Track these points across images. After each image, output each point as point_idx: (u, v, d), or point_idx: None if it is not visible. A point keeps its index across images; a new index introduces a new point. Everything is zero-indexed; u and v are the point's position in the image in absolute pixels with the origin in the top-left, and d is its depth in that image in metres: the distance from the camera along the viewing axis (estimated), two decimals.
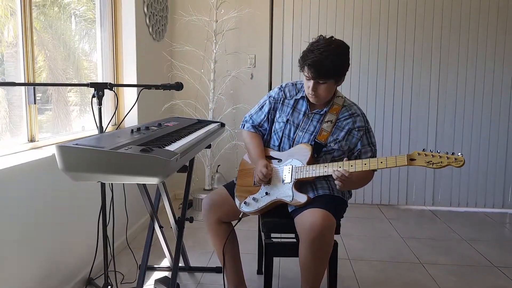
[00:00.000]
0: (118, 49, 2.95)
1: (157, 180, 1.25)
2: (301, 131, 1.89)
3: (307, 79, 1.79)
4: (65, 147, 1.24)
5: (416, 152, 1.57)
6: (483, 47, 3.68)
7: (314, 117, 1.89)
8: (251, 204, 1.87)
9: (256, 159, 1.91)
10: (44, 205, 1.87)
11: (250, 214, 1.91)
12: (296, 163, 1.82)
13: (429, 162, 1.53)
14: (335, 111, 1.87)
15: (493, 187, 3.81)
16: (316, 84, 1.77)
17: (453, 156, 1.52)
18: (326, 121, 1.85)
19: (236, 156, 3.83)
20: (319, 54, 1.72)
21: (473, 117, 3.76)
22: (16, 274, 1.70)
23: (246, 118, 2.08)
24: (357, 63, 3.77)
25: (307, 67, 1.75)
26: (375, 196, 3.92)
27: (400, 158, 1.58)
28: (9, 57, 1.96)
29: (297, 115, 1.92)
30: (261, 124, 2.03)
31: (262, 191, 1.86)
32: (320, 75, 1.74)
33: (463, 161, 1.49)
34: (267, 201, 1.83)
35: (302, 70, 1.81)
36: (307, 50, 1.78)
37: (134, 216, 2.91)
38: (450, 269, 2.55)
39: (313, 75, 1.74)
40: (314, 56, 1.72)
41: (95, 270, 2.23)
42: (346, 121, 1.87)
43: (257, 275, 2.42)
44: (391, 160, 1.60)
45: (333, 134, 1.85)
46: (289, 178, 1.81)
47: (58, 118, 2.41)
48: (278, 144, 1.95)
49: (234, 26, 3.65)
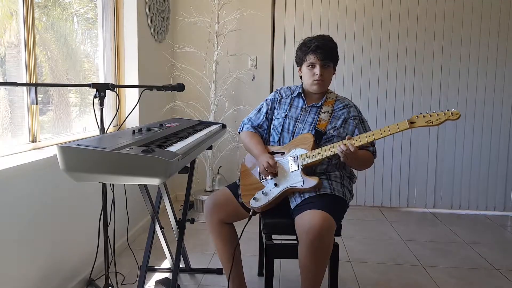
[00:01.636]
0: (120, 50, 2.96)
1: (159, 181, 1.25)
2: (300, 123, 1.96)
3: (311, 67, 1.91)
4: (66, 147, 1.24)
5: (415, 116, 1.64)
6: (485, 47, 3.68)
7: (311, 110, 1.98)
8: (261, 198, 1.87)
9: (259, 155, 1.94)
10: (45, 205, 1.87)
11: (260, 210, 1.89)
12: (300, 151, 1.85)
13: (428, 121, 1.59)
14: (329, 103, 1.97)
15: (494, 189, 3.80)
16: (322, 69, 1.89)
17: (449, 112, 1.59)
18: (323, 112, 1.94)
19: (237, 158, 3.83)
20: (321, 39, 1.90)
21: (474, 119, 3.76)
22: (17, 275, 1.70)
23: (245, 121, 2.14)
24: (357, 65, 3.77)
25: (312, 53, 1.88)
26: (376, 198, 3.91)
27: (401, 123, 1.65)
28: (11, 57, 1.96)
29: (295, 110, 2.01)
30: (260, 124, 2.08)
31: (271, 184, 1.87)
32: (328, 56, 1.89)
33: (459, 114, 1.57)
34: (277, 192, 1.83)
35: (303, 61, 1.93)
36: (305, 42, 1.94)
37: (135, 217, 2.91)
38: (451, 271, 2.54)
39: (320, 57, 1.87)
40: (318, 42, 1.88)
41: (95, 271, 2.23)
42: (341, 111, 1.96)
43: (258, 277, 2.41)
44: (393, 127, 1.66)
45: (331, 123, 1.93)
46: (296, 166, 1.83)
47: (59, 118, 2.41)
48: (277, 139, 2.00)
49: (236, 27, 3.66)
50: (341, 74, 3.79)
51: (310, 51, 1.89)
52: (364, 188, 3.90)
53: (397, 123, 1.66)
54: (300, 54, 1.95)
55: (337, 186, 1.86)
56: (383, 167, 3.85)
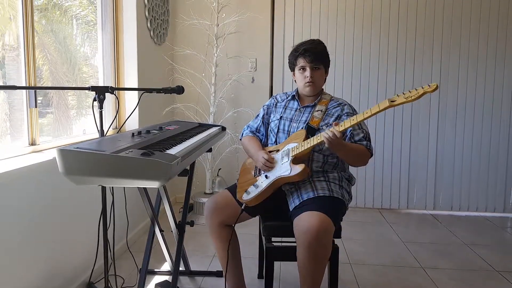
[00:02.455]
0: (119, 52, 2.96)
1: (158, 184, 1.25)
2: (295, 122, 2.01)
3: (302, 70, 1.98)
4: (66, 150, 1.24)
5: (396, 95, 1.65)
6: (484, 50, 3.68)
7: (305, 110, 2.03)
8: (252, 191, 1.88)
9: (255, 153, 2.00)
10: (44, 208, 1.87)
11: (251, 203, 1.88)
12: (292, 145, 1.88)
13: (408, 97, 1.59)
14: (324, 103, 2.02)
15: (494, 191, 3.80)
16: (312, 71, 1.95)
17: (426, 85, 1.59)
18: (316, 110, 1.99)
19: (237, 160, 3.83)
20: (310, 43, 1.97)
21: (474, 121, 3.76)
22: (17, 278, 1.70)
23: (244, 128, 2.23)
24: (357, 66, 3.78)
25: (302, 56, 1.95)
26: (376, 200, 3.91)
27: (382, 102, 1.64)
28: (11, 60, 1.96)
29: (290, 111, 2.07)
30: (258, 128, 2.17)
31: (262, 176, 1.90)
32: (316, 58, 1.94)
33: (436, 85, 1.57)
34: (267, 183, 1.85)
35: (295, 65, 2.00)
36: (296, 47, 2.00)
37: (134, 220, 2.90)
38: (451, 273, 2.54)
39: (309, 59, 1.93)
40: (307, 45, 1.95)
41: (95, 274, 2.22)
42: (335, 109, 1.99)
43: (258, 279, 2.41)
44: (374, 107, 1.64)
45: (324, 120, 1.96)
46: (287, 158, 1.85)
47: (59, 121, 2.41)
48: (274, 140, 2.05)
49: (235, 30, 3.66)
50: (340, 75, 3.80)
51: (299, 54, 1.95)
52: (364, 190, 3.90)
53: (378, 104, 1.64)
54: (291, 59, 2.03)
55: (336, 188, 1.86)
56: (383, 169, 3.85)
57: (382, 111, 1.63)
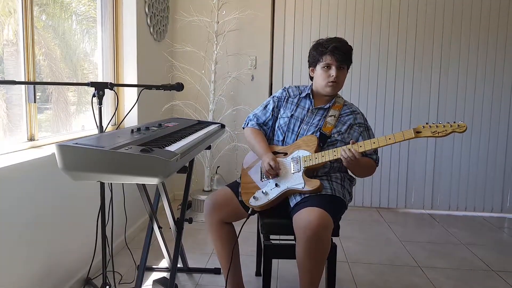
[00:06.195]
0: (118, 49, 2.95)
1: (157, 181, 1.25)
2: (305, 124, 1.95)
3: (327, 68, 1.89)
4: (65, 146, 1.23)
5: (421, 126, 1.63)
6: (484, 51, 3.69)
7: (318, 112, 1.96)
8: (260, 198, 1.86)
9: (262, 154, 1.93)
10: (43, 204, 1.86)
11: (259, 209, 1.88)
12: (304, 153, 1.84)
13: (435, 132, 1.59)
14: (337, 108, 1.95)
15: (492, 191, 3.82)
16: (338, 71, 1.88)
17: (455, 124, 1.59)
18: (330, 116, 1.92)
19: (236, 158, 3.83)
20: (338, 41, 1.88)
21: (472, 121, 3.76)
22: (14, 273, 1.70)
23: (250, 117, 2.12)
24: (356, 68, 3.77)
25: (330, 54, 1.86)
26: (374, 199, 3.92)
27: (407, 132, 1.63)
28: (9, 55, 1.95)
29: (301, 111, 1.99)
30: (266, 122, 2.07)
31: (271, 183, 1.87)
32: (345, 58, 1.88)
33: (466, 126, 1.56)
34: (277, 193, 1.83)
35: (318, 61, 1.90)
36: (321, 42, 1.91)
37: (133, 216, 2.90)
38: (449, 273, 2.55)
39: (337, 58, 1.86)
40: (335, 43, 1.86)
41: (93, 270, 2.23)
42: (348, 117, 1.95)
43: (256, 276, 2.41)
44: (398, 135, 1.64)
45: (337, 127, 1.91)
46: (298, 167, 1.82)
47: (58, 117, 2.41)
48: (282, 139, 1.99)
49: (235, 27, 3.65)
50: None
51: (328, 51, 1.86)
52: (362, 189, 3.90)
53: (403, 131, 1.64)
54: (316, 55, 1.92)
55: (338, 187, 1.86)
56: (381, 168, 3.86)
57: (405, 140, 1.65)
